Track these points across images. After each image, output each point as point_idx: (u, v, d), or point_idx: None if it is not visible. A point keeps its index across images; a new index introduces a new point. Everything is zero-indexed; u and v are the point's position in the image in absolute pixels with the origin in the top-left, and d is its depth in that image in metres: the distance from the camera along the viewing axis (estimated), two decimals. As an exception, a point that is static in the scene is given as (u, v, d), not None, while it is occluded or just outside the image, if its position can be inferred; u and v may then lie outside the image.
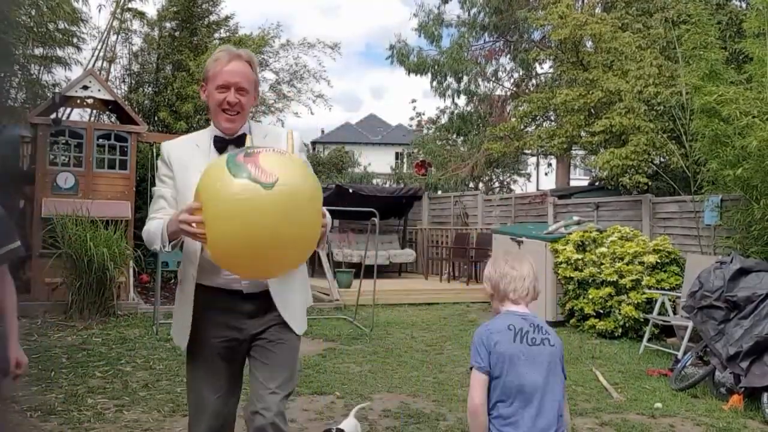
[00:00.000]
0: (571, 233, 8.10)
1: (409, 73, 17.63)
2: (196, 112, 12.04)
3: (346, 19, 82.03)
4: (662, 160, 9.77)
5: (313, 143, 32.97)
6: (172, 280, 9.79)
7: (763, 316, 4.74)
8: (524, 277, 2.16)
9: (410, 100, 37.53)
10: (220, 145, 2.26)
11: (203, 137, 2.32)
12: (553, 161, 17.99)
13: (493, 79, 17.78)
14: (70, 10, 9.82)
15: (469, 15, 17.31)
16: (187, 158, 2.25)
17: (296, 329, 2.31)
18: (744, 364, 4.64)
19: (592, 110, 10.63)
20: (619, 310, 7.21)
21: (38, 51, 10.25)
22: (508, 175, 19.50)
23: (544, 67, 16.53)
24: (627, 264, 7.33)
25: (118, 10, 12.46)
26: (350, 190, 11.69)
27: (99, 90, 8.77)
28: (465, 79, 17.39)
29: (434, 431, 4.00)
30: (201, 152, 2.25)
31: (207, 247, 1.95)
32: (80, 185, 8.34)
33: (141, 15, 12.87)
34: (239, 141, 2.24)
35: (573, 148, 13.65)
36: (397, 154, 30.81)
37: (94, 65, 11.89)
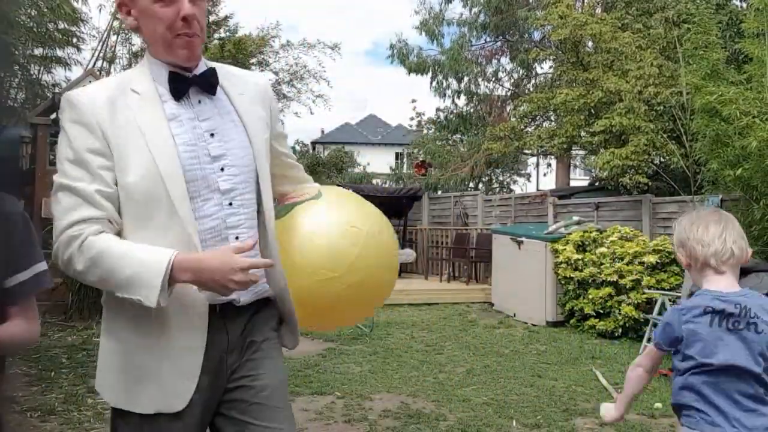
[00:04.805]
0: (571, 233, 8.09)
1: (409, 73, 17.65)
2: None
3: (352, 18, 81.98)
4: (662, 160, 9.78)
5: (313, 143, 32.99)
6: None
7: (763, 316, 4.74)
8: (723, 237, 1.77)
9: (410, 100, 37.55)
10: (179, 85, 1.45)
11: (140, 79, 1.46)
12: (553, 161, 18.00)
13: (494, 79, 17.79)
14: (69, 10, 9.81)
15: (470, 13, 17.32)
16: (130, 115, 1.40)
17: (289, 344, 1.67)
18: (744, 364, 4.64)
19: (592, 110, 10.64)
20: (619, 310, 7.21)
21: (38, 51, 10.25)
22: (508, 175, 19.50)
23: (544, 67, 16.55)
24: (627, 264, 7.32)
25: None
26: (350, 191, 11.64)
27: (99, 90, 8.76)
28: (465, 79, 17.40)
29: (434, 431, 4.00)
30: (148, 101, 1.43)
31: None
32: (80, 185, 8.33)
33: (141, 15, 12.87)
34: (206, 80, 1.49)
35: (573, 148, 13.67)
36: (397, 154, 30.85)
37: (94, 65, 11.89)
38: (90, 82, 8.73)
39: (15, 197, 1.44)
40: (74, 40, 10.89)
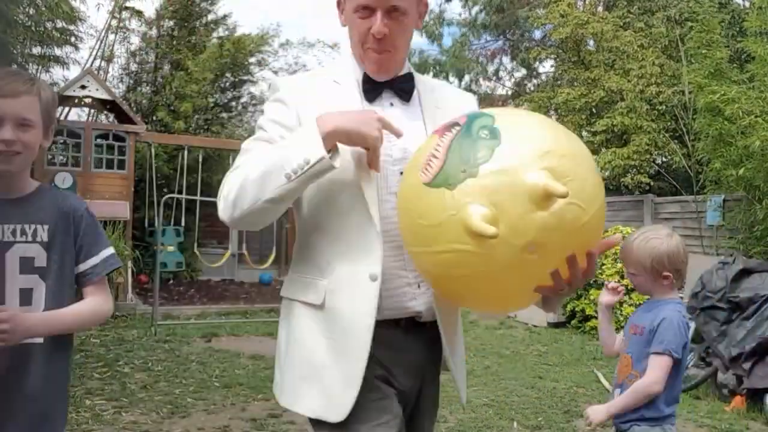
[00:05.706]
0: (572, 233, 8.06)
1: (410, 73, 17.67)
2: (194, 111, 12.00)
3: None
4: (664, 159, 9.76)
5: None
6: (171, 281, 9.73)
7: (765, 317, 4.69)
8: None
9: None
10: (370, 87, 1.50)
11: (343, 73, 1.54)
12: (554, 161, 17.97)
13: (494, 78, 17.78)
14: (68, 9, 9.76)
15: (470, 14, 17.31)
16: (328, 102, 1.43)
17: (462, 398, 1.70)
18: (746, 366, 4.60)
19: (593, 110, 10.61)
20: (621, 311, 7.17)
21: (36, 50, 10.21)
22: (509, 174, 19.49)
23: (546, 66, 16.51)
24: (628, 264, 7.29)
25: (116, 9, 12.43)
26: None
27: (97, 89, 8.73)
28: (466, 77, 17.40)
29: (435, 434, 3.96)
30: (348, 92, 1.50)
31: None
32: (78, 185, 8.30)
33: (139, 14, 12.83)
34: (399, 84, 1.52)
35: (574, 148, 13.63)
36: (397, 153, 30.83)
37: (92, 64, 11.86)
38: (88, 81, 8.68)
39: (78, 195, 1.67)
40: (72, 39, 10.85)
